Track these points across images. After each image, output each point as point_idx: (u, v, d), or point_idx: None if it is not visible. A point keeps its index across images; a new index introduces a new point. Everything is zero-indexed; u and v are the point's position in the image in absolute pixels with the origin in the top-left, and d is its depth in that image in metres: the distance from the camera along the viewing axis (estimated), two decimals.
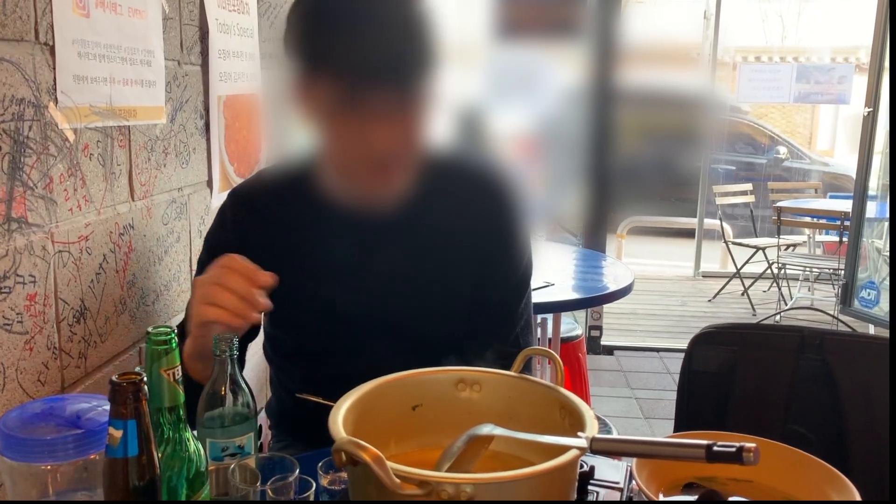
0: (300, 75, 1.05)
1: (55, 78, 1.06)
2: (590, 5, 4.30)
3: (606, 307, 4.18)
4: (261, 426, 2.02)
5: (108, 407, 0.68)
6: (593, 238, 4.15)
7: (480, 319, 1.19)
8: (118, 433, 0.67)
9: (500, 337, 1.19)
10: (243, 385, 0.93)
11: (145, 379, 0.70)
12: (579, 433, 0.75)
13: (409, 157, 1.07)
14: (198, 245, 1.59)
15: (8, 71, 0.96)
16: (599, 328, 4.31)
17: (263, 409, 2.02)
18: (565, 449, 0.74)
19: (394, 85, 0.99)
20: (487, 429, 0.81)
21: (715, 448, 0.65)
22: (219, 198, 1.66)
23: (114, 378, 0.68)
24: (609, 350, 4.36)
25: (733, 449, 0.64)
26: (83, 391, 1.15)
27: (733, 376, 1.25)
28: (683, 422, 1.30)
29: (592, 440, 0.73)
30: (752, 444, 0.64)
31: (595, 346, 4.29)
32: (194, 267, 1.57)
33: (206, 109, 1.60)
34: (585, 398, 2.83)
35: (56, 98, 1.06)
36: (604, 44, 4.29)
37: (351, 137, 1.03)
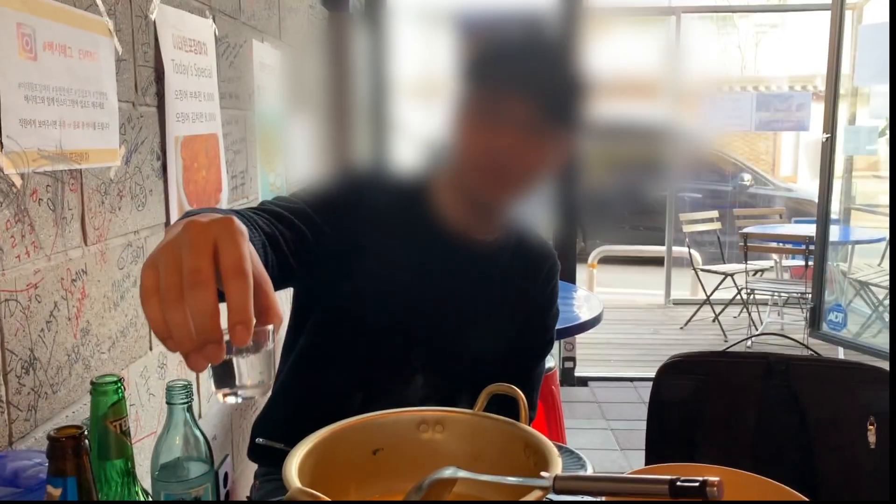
0: (473, 94, 1.11)
1: (0, 122, 1.03)
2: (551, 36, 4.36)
3: (579, 338, 4.17)
4: (227, 473, 1.97)
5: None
6: (563, 269, 4.16)
7: (503, 374, 1.22)
8: (57, 492, 0.64)
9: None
10: (199, 433, 0.90)
11: (86, 432, 0.67)
12: (542, 473, 0.73)
13: (527, 176, 1.11)
14: None
15: None
16: (573, 359, 4.30)
17: (229, 457, 1.97)
18: (529, 489, 0.72)
19: (549, 111, 1.06)
20: (449, 472, 0.79)
21: (678, 483, 0.64)
22: None
23: (51, 433, 0.65)
24: (583, 381, 4.35)
25: (696, 483, 0.63)
26: (33, 445, 1.10)
27: (701, 405, 1.24)
28: (654, 453, 1.29)
29: (556, 479, 0.71)
30: (716, 479, 0.62)
31: (569, 378, 4.27)
32: None
33: (164, 150, 1.58)
34: (560, 431, 2.80)
35: (1, 143, 1.04)
36: None
37: (490, 146, 1.07)
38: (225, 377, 0.69)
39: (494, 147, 1.07)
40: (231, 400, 0.70)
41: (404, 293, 1.17)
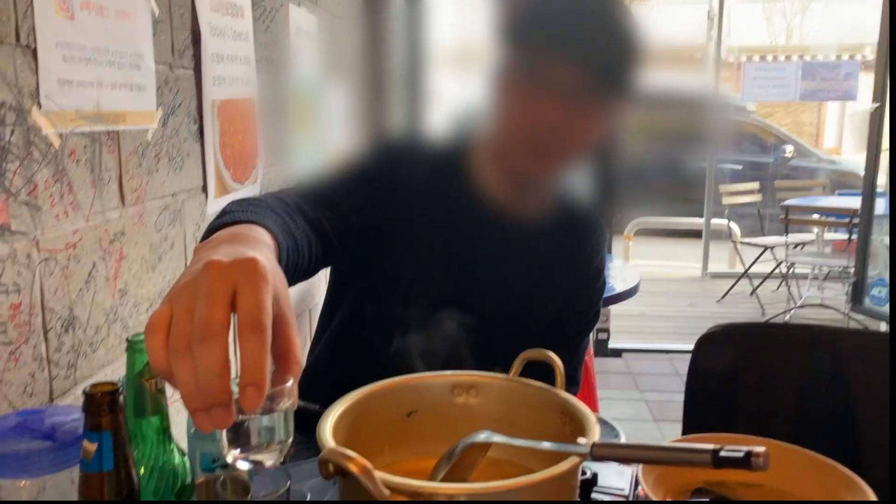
0: (514, 60, 1.06)
1: (38, 82, 1.03)
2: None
3: (614, 309, 4.13)
4: None
5: None
6: None
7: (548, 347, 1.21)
8: (92, 447, 0.64)
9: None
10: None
11: (122, 389, 0.67)
12: (580, 439, 0.71)
13: (574, 149, 1.06)
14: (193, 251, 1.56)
15: None
16: (607, 331, 4.27)
17: None
18: (565, 456, 0.70)
19: (599, 78, 1.00)
20: (484, 436, 0.78)
21: (722, 453, 0.62)
22: (215, 203, 1.64)
23: (87, 388, 0.65)
24: (617, 352, 4.32)
25: (741, 454, 0.60)
26: (73, 402, 1.12)
27: (741, 377, 1.22)
28: (691, 424, 1.26)
29: (594, 446, 0.69)
30: (762, 448, 0.60)
31: (603, 349, 4.24)
32: None
33: (200, 114, 1.57)
34: (593, 402, 2.79)
35: (39, 102, 1.04)
36: None
37: (534, 116, 1.02)
38: (235, 437, 0.61)
39: (538, 119, 1.01)
40: (243, 465, 0.62)
41: (444, 267, 1.14)
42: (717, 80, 6.18)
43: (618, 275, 2.81)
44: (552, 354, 0.87)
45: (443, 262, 1.14)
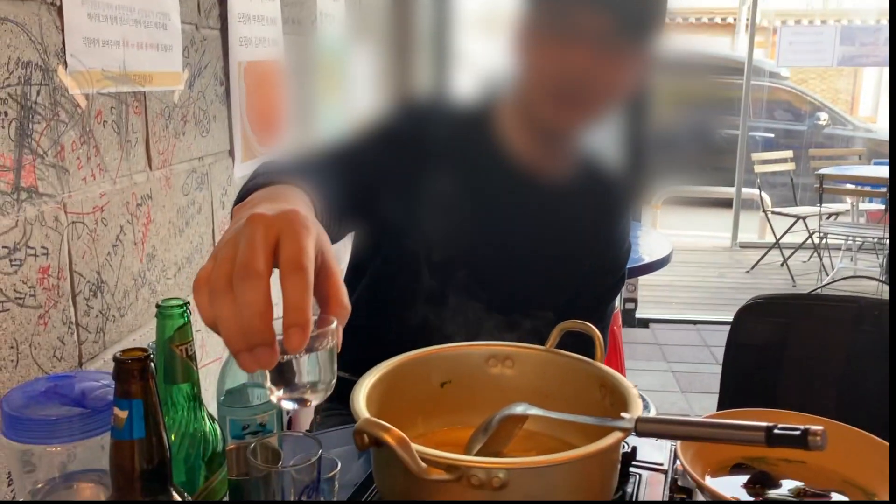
0: (538, 6, 1.05)
1: (64, 40, 1.01)
2: None
3: (642, 279, 4.08)
4: None
5: None
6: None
7: (573, 311, 1.19)
8: (123, 414, 0.62)
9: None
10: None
11: (153, 355, 0.65)
12: (623, 414, 0.68)
13: (601, 98, 1.04)
14: (221, 216, 1.54)
15: (12, 32, 0.91)
16: (634, 301, 4.22)
17: None
18: (607, 430, 0.68)
19: (626, 25, 0.98)
20: (521, 408, 0.75)
21: (776, 431, 0.59)
22: (242, 167, 1.62)
23: (117, 355, 0.63)
24: (644, 323, 4.28)
25: (798, 432, 0.57)
26: (102, 367, 1.12)
27: (783, 350, 1.18)
28: (728, 397, 1.23)
29: (638, 421, 0.67)
30: (819, 427, 0.57)
31: (630, 319, 4.20)
32: (217, 238, 1.53)
33: (227, 76, 1.55)
34: (621, 372, 2.76)
35: (65, 61, 1.01)
36: None
37: (561, 63, 1.00)
38: (279, 378, 0.61)
39: (565, 66, 0.99)
40: (287, 405, 0.62)
41: (469, 228, 1.12)
42: (752, 45, 6.01)
43: (647, 244, 2.76)
44: (591, 326, 0.84)
45: (470, 223, 1.11)
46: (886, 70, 8.29)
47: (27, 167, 0.94)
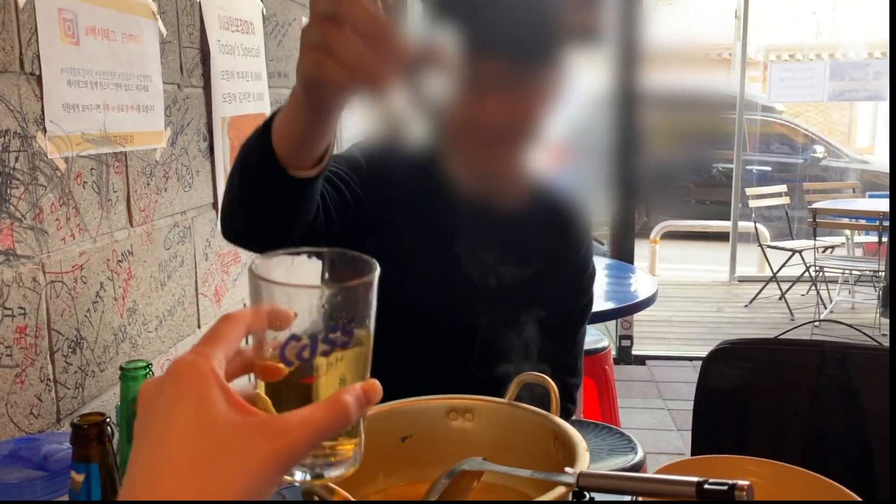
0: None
1: (43, 107, 1.05)
2: (613, 9, 4.24)
3: (638, 315, 4.09)
4: None
5: None
6: (621, 245, 4.07)
7: (546, 337, 1.21)
8: (80, 477, 0.65)
9: (557, 359, 1.20)
10: None
11: (110, 419, 0.68)
12: (567, 469, 0.70)
13: (519, 137, 1.08)
14: (204, 267, 1.58)
15: None
16: (630, 338, 4.22)
17: None
18: (554, 484, 0.70)
19: (521, 64, 1.02)
20: (475, 462, 0.77)
21: (706, 486, 0.60)
22: None
23: (75, 420, 0.66)
24: (641, 360, 4.27)
25: (725, 487, 0.59)
26: None
27: (751, 394, 1.19)
28: (700, 442, 1.25)
29: (580, 476, 0.69)
30: (746, 483, 0.59)
31: (626, 357, 4.20)
32: (200, 290, 1.56)
33: (210, 131, 1.59)
34: (613, 412, 2.76)
35: (44, 127, 1.06)
36: (629, 47, 4.22)
37: (472, 112, 1.04)
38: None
39: (477, 116, 1.03)
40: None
41: (434, 266, 1.15)
42: (743, 80, 6.10)
43: (635, 282, 2.78)
44: (547, 378, 0.87)
45: (433, 260, 1.14)
46: (881, 102, 8.36)
47: (4, 231, 0.98)
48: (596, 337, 2.90)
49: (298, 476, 0.48)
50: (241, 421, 0.42)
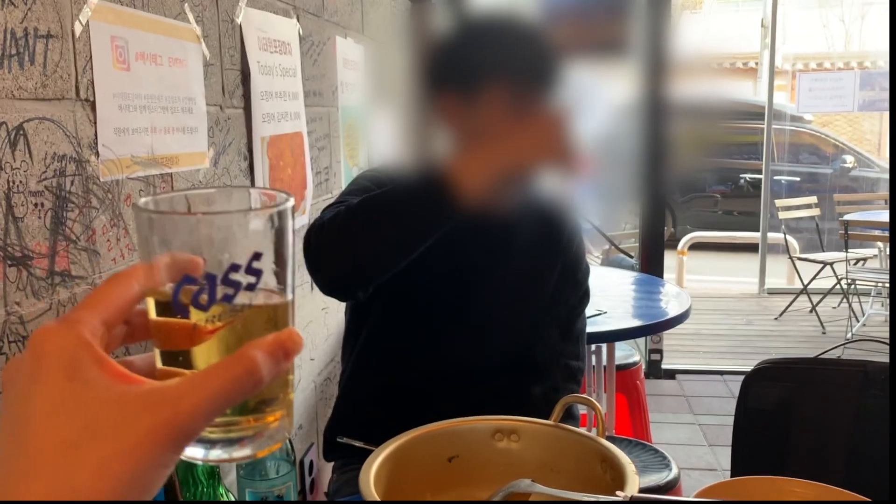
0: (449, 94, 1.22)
1: (96, 132, 1.08)
2: (640, 19, 4.24)
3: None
4: (311, 462, 2.02)
5: None
6: (650, 258, 4.05)
7: (546, 331, 1.37)
8: None
9: (562, 350, 1.38)
10: None
11: None
12: (618, 492, 0.71)
13: (525, 162, 1.15)
14: None
15: (49, 129, 0.99)
16: (660, 352, 4.20)
17: (314, 446, 2.03)
18: None
19: (525, 88, 1.14)
20: (525, 484, 0.78)
21: None
22: None
23: None
24: (671, 374, 4.24)
25: None
26: None
27: (792, 414, 1.19)
28: (741, 463, 1.24)
29: (632, 499, 0.69)
30: None
31: (656, 371, 4.18)
32: None
33: (250, 150, 1.62)
34: (645, 427, 2.75)
35: (97, 151, 1.09)
36: (656, 57, 4.21)
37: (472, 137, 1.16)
38: None
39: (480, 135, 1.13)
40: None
41: (445, 275, 1.26)
42: (772, 89, 6.06)
43: (666, 299, 2.77)
44: (591, 399, 0.88)
45: (440, 272, 1.24)
46: None
47: (61, 253, 1.01)
48: (627, 352, 2.89)
49: (199, 453, 0.40)
50: (116, 394, 0.35)
